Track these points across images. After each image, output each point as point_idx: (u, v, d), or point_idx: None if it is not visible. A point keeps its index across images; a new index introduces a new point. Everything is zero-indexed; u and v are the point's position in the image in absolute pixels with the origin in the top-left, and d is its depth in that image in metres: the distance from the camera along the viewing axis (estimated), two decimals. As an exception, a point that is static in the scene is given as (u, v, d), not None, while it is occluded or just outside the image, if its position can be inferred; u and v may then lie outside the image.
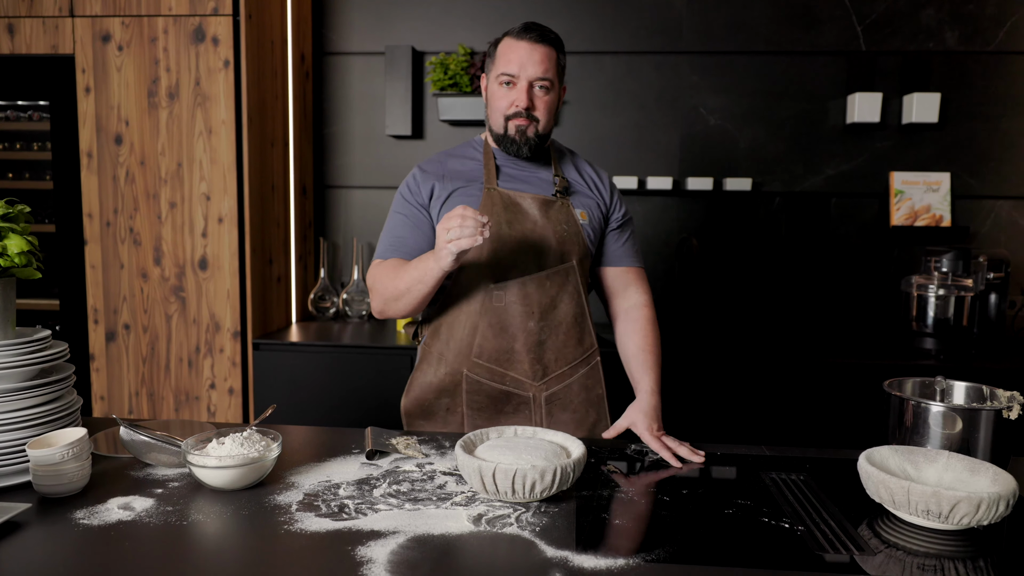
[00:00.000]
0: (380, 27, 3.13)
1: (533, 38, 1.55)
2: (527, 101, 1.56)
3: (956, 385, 1.40)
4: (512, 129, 1.59)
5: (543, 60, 1.55)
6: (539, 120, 1.58)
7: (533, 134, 1.59)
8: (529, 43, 1.55)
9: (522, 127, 1.58)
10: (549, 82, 1.57)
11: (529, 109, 1.56)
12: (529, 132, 1.58)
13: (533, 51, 1.55)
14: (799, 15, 2.97)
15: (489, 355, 1.59)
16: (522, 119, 1.57)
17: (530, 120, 1.57)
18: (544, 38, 1.56)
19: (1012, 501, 1.06)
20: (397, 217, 1.64)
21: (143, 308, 2.69)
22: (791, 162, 3.03)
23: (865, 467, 1.15)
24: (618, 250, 1.72)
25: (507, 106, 1.57)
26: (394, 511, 1.12)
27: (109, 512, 1.10)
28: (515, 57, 1.55)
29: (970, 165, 2.97)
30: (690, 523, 1.13)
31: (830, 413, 2.52)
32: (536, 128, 1.59)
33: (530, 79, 1.55)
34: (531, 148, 1.61)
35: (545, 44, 1.56)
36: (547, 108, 1.59)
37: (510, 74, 1.56)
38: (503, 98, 1.58)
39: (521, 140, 1.59)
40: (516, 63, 1.55)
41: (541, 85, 1.57)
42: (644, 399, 1.55)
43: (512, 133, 1.59)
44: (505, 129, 1.59)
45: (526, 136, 1.59)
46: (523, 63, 1.55)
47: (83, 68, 2.61)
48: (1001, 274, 2.71)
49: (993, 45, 2.91)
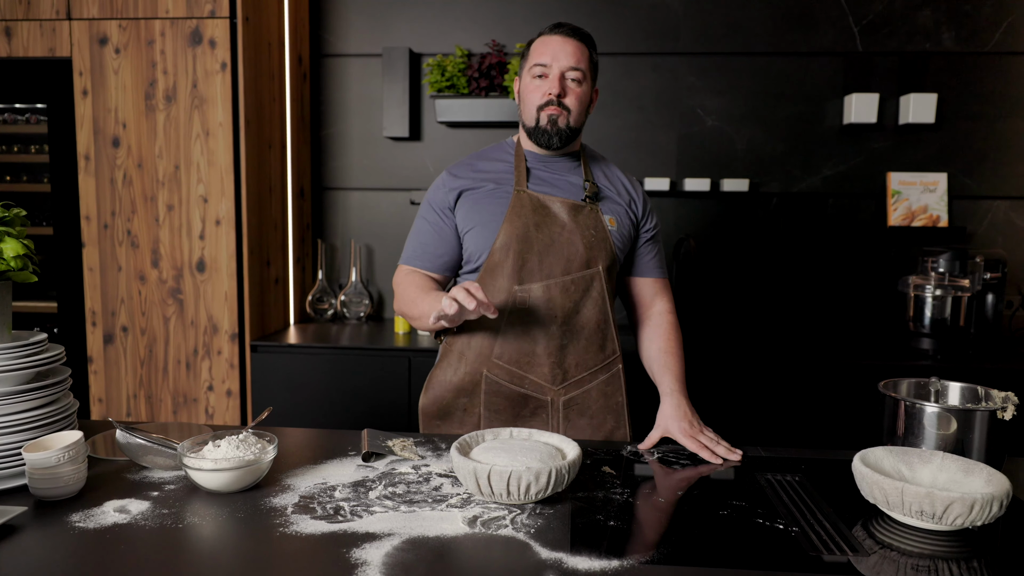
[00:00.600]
0: (377, 29, 3.14)
1: (566, 32, 1.58)
2: (559, 88, 1.56)
3: (951, 386, 1.41)
4: (544, 118, 1.58)
5: (575, 52, 1.57)
6: (570, 110, 1.58)
7: (564, 124, 1.59)
8: (562, 36, 1.58)
9: (554, 116, 1.58)
10: (581, 73, 1.58)
11: (560, 96, 1.57)
12: (560, 122, 1.58)
13: (566, 43, 1.57)
14: (796, 16, 2.97)
15: (509, 357, 1.59)
16: (554, 107, 1.57)
17: (561, 108, 1.58)
18: (576, 33, 1.59)
19: (1006, 502, 1.06)
20: (422, 223, 1.66)
21: (141, 310, 2.69)
22: (788, 163, 3.04)
23: (859, 468, 1.15)
24: (649, 262, 1.74)
25: (540, 96, 1.58)
26: (389, 513, 1.12)
27: (105, 515, 1.10)
28: (547, 49, 1.57)
29: (967, 165, 2.98)
30: (685, 524, 1.13)
31: (827, 413, 2.53)
32: (568, 119, 1.59)
33: (562, 69, 1.57)
34: (562, 139, 1.60)
35: (577, 39, 1.58)
36: (579, 100, 1.59)
37: (543, 64, 1.57)
38: (536, 90, 1.59)
39: (552, 129, 1.59)
40: (549, 54, 1.57)
41: (573, 76, 1.57)
42: (667, 401, 1.55)
43: (544, 123, 1.59)
44: (537, 120, 1.59)
45: (557, 126, 1.58)
46: (556, 54, 1.56)
47: (80, 71, 2.62)
48: (998, 274, 2.72)
49: (990, 46, 2.92)
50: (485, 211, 1.59)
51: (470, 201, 1.61)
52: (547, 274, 1.58)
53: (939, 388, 1.40)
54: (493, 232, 1.58)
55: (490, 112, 2.94)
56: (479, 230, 1.59)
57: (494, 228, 1.58)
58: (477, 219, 1.59)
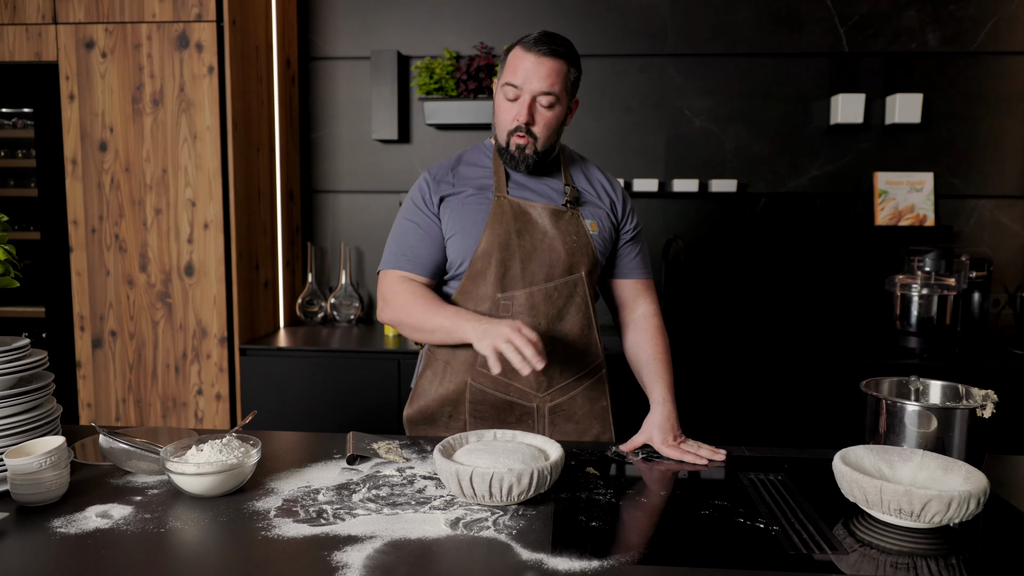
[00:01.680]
0: (366, 32, 3.14)
1: (542, 51, 1.50)
2: (527, 116, 1.52)
3: (932, 384, 1.42)
4: (513, 144, 1.56)
5: (549, 75, 1.50)
6: (537, 137, 1.55)
7: (532, 152, 1.56)
8: (536, 56, 1.50)
9: (521, 145, 1.55)
10: (554, 97, 1.52)
11: (529, 124, 1.53)
12: (528, 150, 1.55)
13: (539, 65, 1.50)
14: (782, 17, 2.99)
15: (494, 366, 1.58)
16: (521, 135, 1.54)
17: (529, 137, 1.54)
18: (553, 52, 1.51)
19: (983, 499, 1.07)
20: (408, 224, 1.61)
21: (129, 315, 2.69)
22: (776, 163, 3.05)
23: (840, 467, 1.16)
24: (630, 263, 1.71)
25: (510, 120, 1.54)
26: (372, 516, 1.12)
27: (87, 520, 1.10)
28: (520, 69, 1.51)
29: (953, 165, 3.00)
30: (666, 524, 1.14)
31: (815, 413, 2.54)
32: (535, 146, 1.55)
33: (533, 93, 1.51)
34: (528, 166, 1.58)
35: (553, 58, 1.51)
36: (547, 124, 1.55)
37: (514, 85, 1.52)
38: (507, 112, 1.55)
39: (520, 157, 1.56)
40: (521, 75, 1.51)
41: (544, 102, 1.52)
42: (657, 411, 1.54)
43: (512, 148, 1.57)
44: (507, 144, 1.57)
45: (524, 154, 1.56)
46: (527, 76, 1.50)
47: (67, 75, 2.61)
48: (984, 273, 2.73)
49: (974, 46, 2.94)
50: (467, 218, 1.57)
51: (451, 207, 1.59)
52: (530, 281, 1.57)
53: (919, 387, 1.41)
54: (475, 239, 1.56)
55: (479, 114, 2.94)
56: (460, 237, 1.57)
57: (476, 235, 1.56)
58: (459, 226, 1.57)
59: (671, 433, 1.50)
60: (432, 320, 1.51)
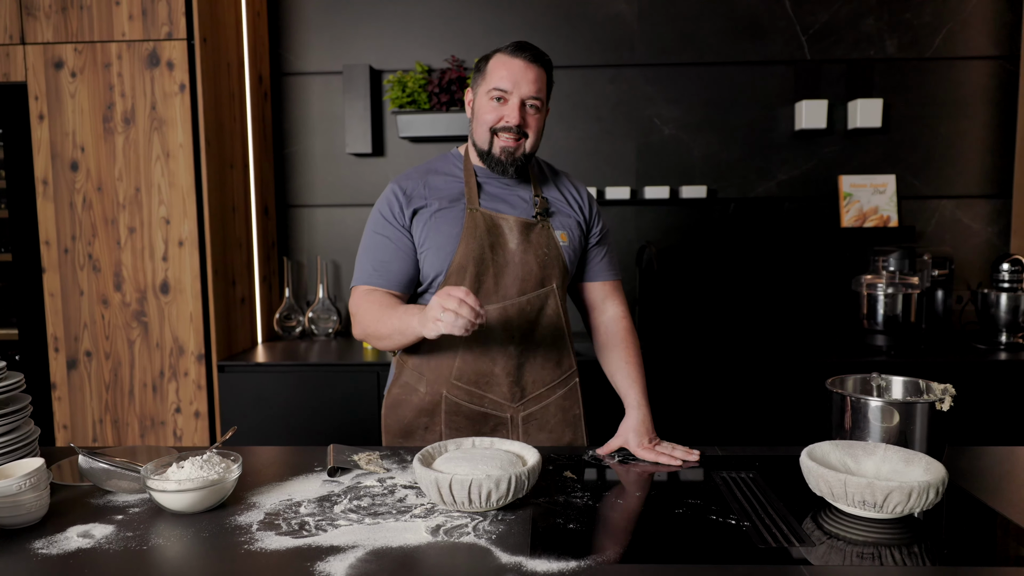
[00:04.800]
0: (337, 47, 3.16)
1: (528, 57, 1.55)
2: (519, 118, 1.55)
3: (894, 380, 1.47)
4: (497, 147, 1.58)
5: (536, 80, 1.55)
6: (528, 138, 1.58)
7: (521, 153, 1.59)
8: (524, 62, 1.54)
9: (510, 147, 1.57)
10: (540, 102, 1.57)
11: (521, 126, 1.56)
12: (517, 152, 1.58)
13: (527, 70, 1.54)
14: (746, 27, 3.06)
15: (469, 378, 1.59)
16: (511, 136, 1.56)
17: (520, 137, 1.57)
18: (537, 58, 1.56)
19: (941, 489, 1.12)
20: (378, 239, 1.61)
21: (104, 334, 2.68)
22: (744, 169, 3.12)
23: (806, 462, 1.20)
24: (596, 265, 1.74)
25: (495, 119, 1.56)
26: (354, 526, 1.14)
27: (68, 540, 1.11)
28: (508, 74, 1.54)
29: (914, 167, 3.08)
30: (642, 524, 1.17)
31: (786, 411, 2.59)
32: (525, 147, 1.59)
33: (523, 97, 1.55)
34: (518, 169, 1.61)
35: (538, 64, 1.56)
36: (536, 127, 1.59)
37: (503, 89, 1.54)
38: (492, 111, 1.56)
39: (508, 160, 1.58)
40: (510, 80, 1.54)
41: (532, 104, 1.56)
42: (633, 414, 1.57)
43: (497, 152, 1.58)
44: (490, 145, 1.58)
45: (513, 156, 1.58)
46: (517, 80, 1.54)
47: (36, 95, 2.60)
48: (946, 271, 2.82)
49: (930, 52, 3.03)
50: (440, 231, 1.57)
51: (424, 220, 1.59)
52: (503, 295, 1.58)
53: (882, 383, 1.46)
54: (449, 253, 1.56)
55: (452, 126, 2.97)
56: (435, 251, 1.57)
57: (450, 249, 1.56)
58: (433, 240, 1.57)
59: (646, 436, 1.53)
60: (386, 324, 1.50)
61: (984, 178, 3.08)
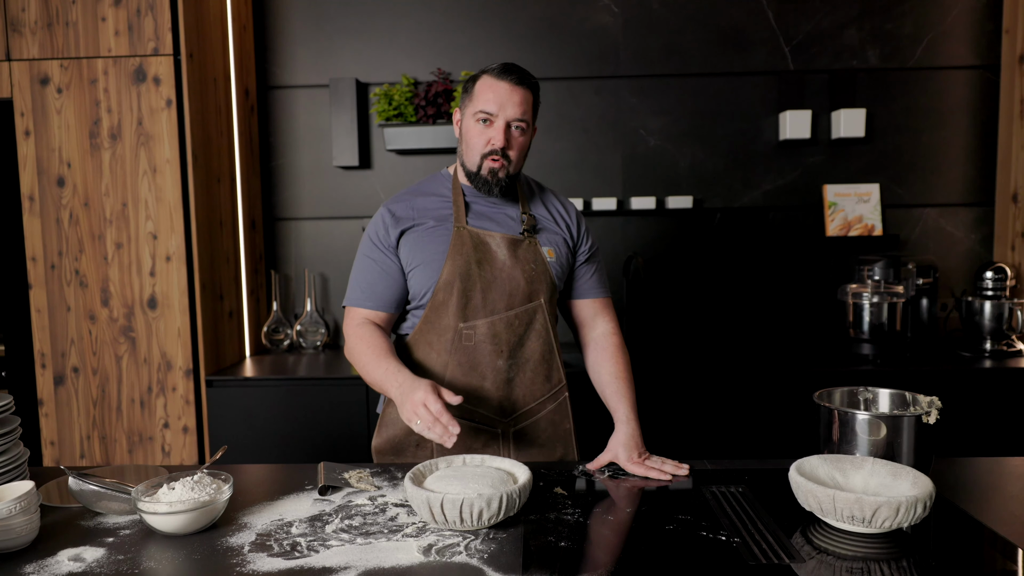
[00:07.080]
0: (323, 60, 3.17)
1: (513, 80, 1.57)
2: (503, 141, 1.57)
3: (881, 393, 1.49)
4: (486, 168, 1.60)
5: (522, 102, 1.57)
6: (511, 161, 1.60)
7: (504, 175, 1.61)
8: (510, 84, 1.56)
9: (495, 168, 1.59)
10: (526, 123, 1.60)
11: (504, 149, 1.58)
12: (501, 173, 1.60)
13: (513, 92, 1.56)
14: (730, 38, 3.09)
15: (459, 393, 1.61)
16: (496, 158, 1.58)
17: (504, 160, 1.59)
18: (522, 80, 1.58)
19: (929, 503, 1.13)
20: (367, 261, 1.65)
21: (92, 350, 2.66)
22: (729, 179, 3.14)
23: (795, 477, 1.21)
24: (586, 283, 1.76)
25: (484, 144, 1.58)
26: (346, 546, 1.14)
27: (59, 564, 1.10)
28: (494, 96, 1.56)
29: (897, 176, 3.12)
30: (633, 541, 1.18)
31: (775, 423, 2.61)
32: (508, 169, 1.60)
33: (508, 119, 1.57)
34: (502, 189, 1.63)
35: (524, 87, 1.58)
36: (520, 149, 1.62)
37: (489, 112, 1.57)
38: (480, 135, 1.59)
39: (493, 180, 1.61)
40: (495, 103, 1.56)
41: (517, 126, 1.59)
42: (622, 429, 1.58)
43: (485, 173, 1.60)
44: (479, 167, 1.61)
45: (497, 177, 1.60)
46: (502, 103, 1.56)
47: (22, 112, 2.59)
48: (930, 279, 2.85)
49: (912, 62, 3.07)
50: (428, 249, 1.60)
51: (411, 239, 1.62)
52: (491, 310, 1.60)
53: (869, 396, 1.48)
54: (436, 270, 1.59)
55: (438, 139, 2.98)
56: (422, 269, 1.60)
57: (437, 267, 1.59)
58: (420, 258, 1.61)
59: (636, 450, 1.54)
60: (370, 375, 1.56)
61: (967, 186, 3.12)
